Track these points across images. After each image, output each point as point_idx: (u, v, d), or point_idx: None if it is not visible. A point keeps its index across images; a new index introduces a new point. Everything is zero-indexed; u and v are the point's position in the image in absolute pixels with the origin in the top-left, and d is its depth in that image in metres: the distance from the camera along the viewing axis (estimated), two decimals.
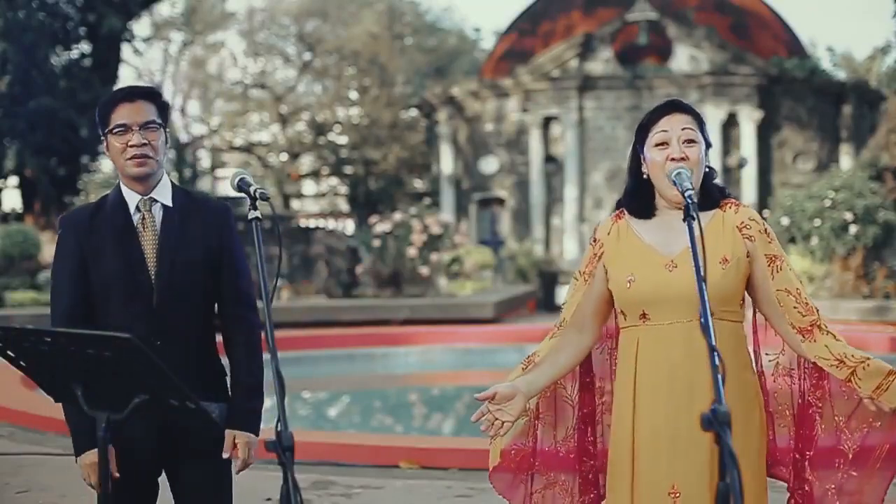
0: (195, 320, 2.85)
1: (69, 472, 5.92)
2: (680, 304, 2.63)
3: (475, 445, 6.86)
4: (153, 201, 2.84)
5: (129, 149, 2.78)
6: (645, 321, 2.69)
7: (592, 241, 2.82)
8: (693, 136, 2.70)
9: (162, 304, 2.78)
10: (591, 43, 24.47)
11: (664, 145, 2.69)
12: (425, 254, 16.61)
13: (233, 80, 35.04)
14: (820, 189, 16.58)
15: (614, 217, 2.82)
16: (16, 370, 2.41)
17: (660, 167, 2.68)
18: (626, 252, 2.74)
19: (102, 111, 2.83)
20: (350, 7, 33.45)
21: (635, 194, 2.79)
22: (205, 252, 2.82)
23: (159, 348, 2.74)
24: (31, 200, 23.38)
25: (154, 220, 2.83)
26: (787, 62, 24.92)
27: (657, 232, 2.74)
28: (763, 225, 2.74)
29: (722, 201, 2.76)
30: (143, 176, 2.81)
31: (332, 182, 35.03)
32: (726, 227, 2.72)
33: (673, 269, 2.66)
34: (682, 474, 2.63)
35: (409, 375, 12.91)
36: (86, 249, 2.81)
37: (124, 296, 2.78)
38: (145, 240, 2.82)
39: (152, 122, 2.80)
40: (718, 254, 2.66)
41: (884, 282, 15.80)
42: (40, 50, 22.33)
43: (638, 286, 2.67)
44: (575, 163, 24.27)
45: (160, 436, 2.79)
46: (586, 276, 2.81)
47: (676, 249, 2.67)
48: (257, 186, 2.58)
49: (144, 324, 2.76)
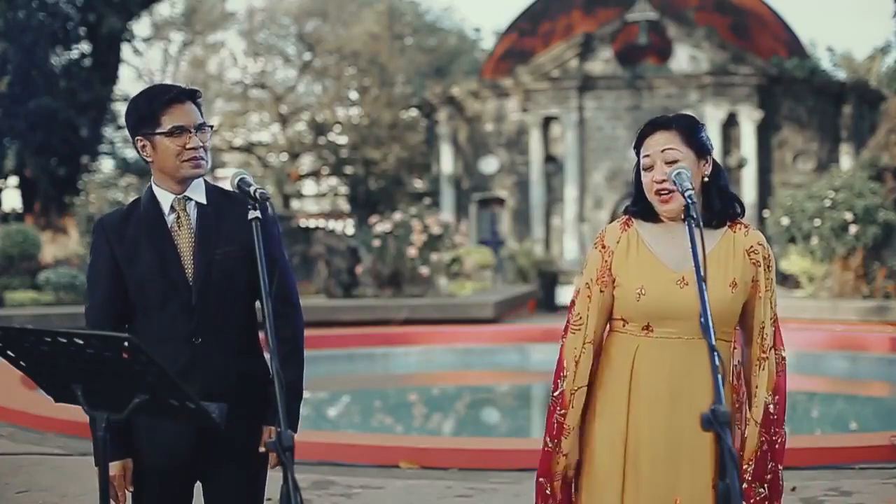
0: (235, 317, 2.81)
1: (69, 472, 5.94)
2: (688, 321, 2.65)
3: (475, 445, 6.87)
4: (187, 199, 2.82)
5: (187, 151, 2.76)
6: (648, 332, 2.70)
7: (601, 248, 2.79)
8: (675, 154, 2.69)
9: (200, 301, 2.75)
10: (591, 43, 24.47)
11: (650, 169, 2.73)
12: (425, 254, 16.61)
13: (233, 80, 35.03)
14: (820, 189, 16.57)
15: (623, 225, 2.81)
16: (16, 370, 2.41)
17: (648, 189, 2.73)
18: (635, 263, 2.74)
19: (148, 111, 2.77)
20: (350, 7, 33.44)
21: (640, 198, 2.80)
22: (242, 247, 2.76)
23: (198, 346, 2.74)
24: (31, 200, 23.38)
25: (189, 218, 2.81)
26: (787, 62, 24.92)
27: (667, 246, 2.74)
28: (768, 251, 2.78)
29: (733, 223, 2.77)
30: (196, 177, 2.81)
31: (332, 182, 35.02)
32: (737, 249, 2.74)
33: (683, 286, 2.67)
34: (685, 486, 2.64)
35: (409, 375, 12.91)
36: (118, 252, 2.79)
37: (161, 295, 2.76)
38: (181, 238, 2.79)
39: (204, 124, 2.80)
40: (728, 277, 2.69)
41: (884, 282, 15.80)
42: (40, 50, 22.34)
43: (648, 299, 2.68)
44: (575, 163, 24.27)
45: (196, 440, 2.74)
46: (603, 285, 2.77)
47: (686, 266, 2.66)
48: (257, 186, 2.58)
49: (183, 323, 2.74)
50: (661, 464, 2.65)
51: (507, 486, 5.71)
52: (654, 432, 2.66)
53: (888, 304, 14.90)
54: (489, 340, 13.66)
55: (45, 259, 18.00)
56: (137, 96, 2.84)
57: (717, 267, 2.66)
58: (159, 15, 32.85)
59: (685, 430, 2.60)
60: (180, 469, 2.78)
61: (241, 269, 2.77)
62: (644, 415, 2.68)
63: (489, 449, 6.59)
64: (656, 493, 2.65)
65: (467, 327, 14.15)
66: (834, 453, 6.14)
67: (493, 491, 5.62)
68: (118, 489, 2.74)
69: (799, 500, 5.24)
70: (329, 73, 33.77)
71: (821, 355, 11.90)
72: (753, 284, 2.73)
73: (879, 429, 8.72)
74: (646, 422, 2.67)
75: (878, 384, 11.77)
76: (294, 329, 2.88)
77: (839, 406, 10.91)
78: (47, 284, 15.50)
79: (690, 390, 2.63)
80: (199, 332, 2.75)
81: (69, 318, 13.28)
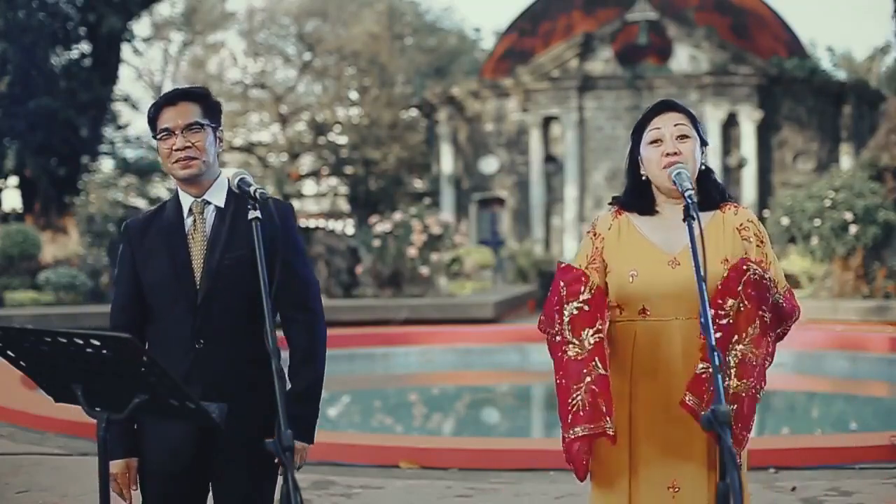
0: (242, 321, 2.77)
1: (69, 472, 5.94)
2: (681, 301, 2.66)
3: (475, 445, 6.87)
4: (206, 203, 2.82)
5: (174, 153, 2.78)
6: (644, 316, 2.71)
7: (592, 235, 2.82)
8: (686, 131, 2.75)
9: (206, 304, 2.75)
10: (591, 43, 24.48)
11: (658, 142, 2.74)
12: (425, 254, 16.61)
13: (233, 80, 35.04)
14: (820, 189, 16.58)
15: (614, 213, 2.84)
16: (16, 370, 2.42)
17: (655, 163, 2.73)
18: (627, 247, 2.76)
19: (150, 117, 2.84)
20: (350, 7, 33.44)
21: (634, 193, 2.82)
22: (253, 251, 2.62)
23: (200, 350, 2.74)
24: (31, 200, 23.38)
25: (205, 222, 2.82)
26: (787, 62, 24.92)
27: (658, 230, 2.77)
28: (759, 227, 2.80)
29: (721, 204, 2.80)
30: (190, 178, 2.79)
31: (332, 182, 35.02)
32: (726, 228, 2.76)
33: (675, 267, 2.69)
34: (682, 468, 2.65)
35: (409, 375, 12.90)
36: (137, 254, 2.84)
37: (170, 297, 2.78)
38: (195, 242, 2.80)
39: (195, 124, 2.77)
40: (720, 254, 2.70)
41: (884, 282, 15.80)
42: (40, 50, 22.34)
43: (640, 281, 2.70)
44: (575, 163, 24.28)
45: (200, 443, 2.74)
46: (592, 271, 2.79)
47: (678, 247, 2.71)
48: (257, 186, 2.58)
49: (188, 325, 2.75)
50: (659, 446, 2.67)
51: (507, 486, 5.71)
52: (652, 414, 2.68)
53: (888, 304, 14.90)
54: (489, 340, 13.66)
55: (45, 259, 18.00)
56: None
57: (708, 245, 2.61)
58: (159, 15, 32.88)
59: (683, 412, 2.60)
60: (185, 473, 2.77)
61: (249, 273, 2.68)
62: (642, 397, 2.70)
63: (489, 449, 6.59)
64: (655, 476, 2.67)
65: (467, 327, 14.15)
66: (834, 453, 6.13)
67: (493, 491, 5.61)
68: (122, 488, 2.74)
69: (799, 500, 5.24)
70: (329, 73, 33.78)
71: (821, 355, 11.90)
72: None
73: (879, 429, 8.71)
74: (644, 404, 2.70)
75: (878, 384, 11.77)
76: (311, 336, 2.82)
77: (839, 406, 10.90)
78: (47, 284, 15.51)
79: (687, 371, 2.63)
80: (203, 336, 2.75)
81: (69, 318, 13.28)
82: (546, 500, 5.39)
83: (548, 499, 5.38)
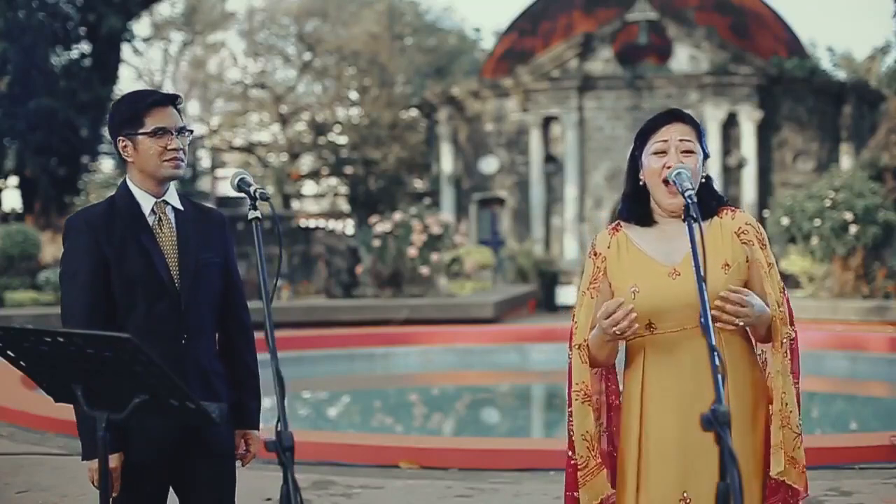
0: (212, 320, 2.96)
1: (69, 472, 5.94)
2: (685, 311, 2.66)
3: (475, 445, 6.87)
4: (166, 203, 2.93)
5: (168, 151, 2.86)
6: (652, 331, 2.71)
7: (593, 255, 2.83)
8: (691, 146, 2.74)
9: (188, 302, 2.86)
10: (591, 43, 24.47)
11: (662, 154, 2.74)
12: (425, 254, 16.60)
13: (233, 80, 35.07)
14: (820, 189, 16.57)
15: (611, 230, 2.85)
16: (16, 370, 2.42)
17: (656, 175, 2.74)
18: (627, 264, 2.77)
19: (131, 112, 2.87)
20: (350, 7, 33.45)
21: (633, 199, 2.83)
22: (217, 254, 2.96)
23: (185, 346, 2.85)
24: (31, 200, 23.36)
25: (170, 221, 2.92)
26: (787, 62, 24.91)
27: (656, 243, 2.78)
28: (758, 229, 2.79)
29: (719, 208, 2.81)
30: (174, 178, 2.92)
31: (332, 182, 35.03)
32: (725, 232, 2.76)
33: (676, 278, 2.69)
34: (693, 481, 2.64)
35: (409, 375, 12.91)
36: (107, 250, 2.83)
37: (148, 295, 2.83)
38: (163, 240, 2.89)
39: (185, 129, 2.92)
40: (720, 259, 2.70)
41: (884, 282, 15.80)
42: (40, 50, 22.32)
43: (642, 296, 2.69)
44: (575, 163, 24.27)
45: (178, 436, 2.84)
46: (594, 291, 2.81)
47: (678, 258, 2.71)
48: (257, 186, 2.61)
49: (171, 322, 2.84)
50: (670, 460, 2.66)
51: (507, 486, 5.71)
52: (662, 428, 2.68)
53: (888, 304, 14.90)
54: (489, 340, 13.66)
55: (45, 259, 17.98)
56: (121, 98, 2.96)
57: (707, 250, 2.62)
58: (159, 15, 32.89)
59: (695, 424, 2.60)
60: (160, 465, 2.86)
61: (217, 276, 2.95)
62: (653, 411, 2.70)
63: (489, 449, 6.59)
64: (664, 489, 2.66)
65: (467, 327, 14.14)
66: (834, 453, 6.14)
67: (493, 491, 5.62)
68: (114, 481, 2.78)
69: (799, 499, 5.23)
70: (329, 73, 33.79)
71: (821, 355, 11.89)
72: (751, 264, 2.74)
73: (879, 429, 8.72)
74: (655, 418, 2.69)
75: (878, 384, 11.77)
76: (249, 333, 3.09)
77: (839, 406, 10.91)
78: (47, 284, 15.50)
79: (697, 383, 2.63)
80: (186, 332, 2.85)
81: None
82: (546, 500, 5.39)
83: (548, 499, 5.39)
